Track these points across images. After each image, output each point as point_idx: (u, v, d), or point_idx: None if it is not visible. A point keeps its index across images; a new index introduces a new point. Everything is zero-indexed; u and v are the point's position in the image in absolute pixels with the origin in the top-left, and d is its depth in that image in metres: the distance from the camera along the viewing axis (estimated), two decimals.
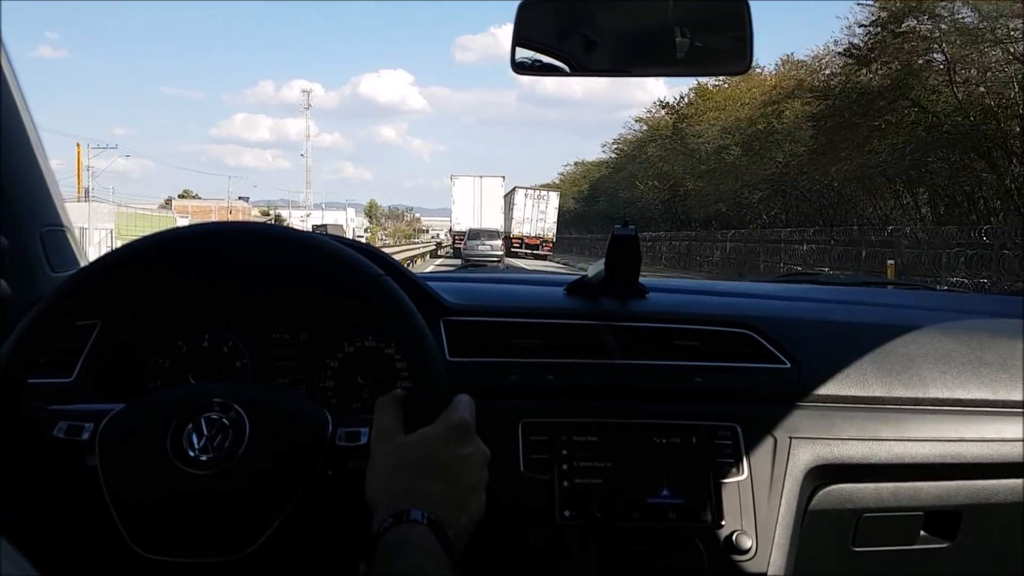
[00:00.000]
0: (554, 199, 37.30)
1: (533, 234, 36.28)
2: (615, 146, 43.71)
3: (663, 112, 33.23)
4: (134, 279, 0.94)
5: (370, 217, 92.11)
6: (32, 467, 0.79)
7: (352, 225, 75.88)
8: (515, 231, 36.18)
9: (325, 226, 40.59)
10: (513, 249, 34.51)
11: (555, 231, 36.81)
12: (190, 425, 0.79)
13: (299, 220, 65.58)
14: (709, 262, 28.64)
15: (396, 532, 0.68)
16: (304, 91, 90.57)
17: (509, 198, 37.75)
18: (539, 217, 36.28)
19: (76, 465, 0.78)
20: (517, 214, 36.35)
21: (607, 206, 44.79)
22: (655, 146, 33.94)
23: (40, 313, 0.81)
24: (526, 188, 37.28)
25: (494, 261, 26.85)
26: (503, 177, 40.84)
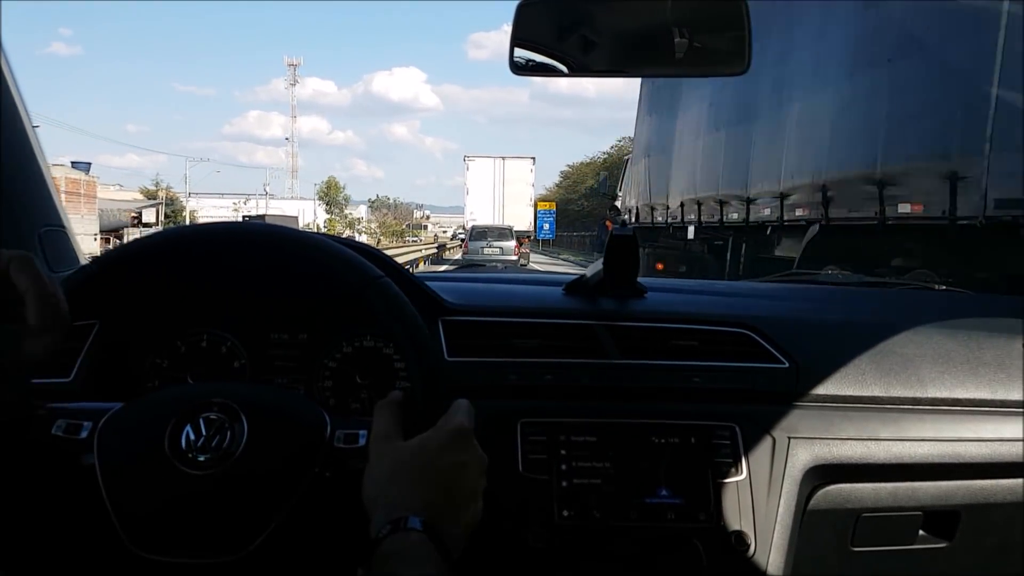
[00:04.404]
0: None
1: None
2: None
3: None
4: (132, 279, 0.94)
5: (328, 204, 67.43)
6: (30, 465, 0.79)
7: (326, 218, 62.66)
8: None
9: (262, 216, 31.41)
10: None
11: None
12: (188, 425, 0.79)
13: (229, 210, 48.30)
14: None
15: (394, 540, 0.67)
16: (290, 64, 78.05)
17: None
18: None
19: (74, 463, 0.78)
20: None
21: None
22: None
23: None
24: None
25: (505, 263, 19.05)
26: (533, 159, 28.10)
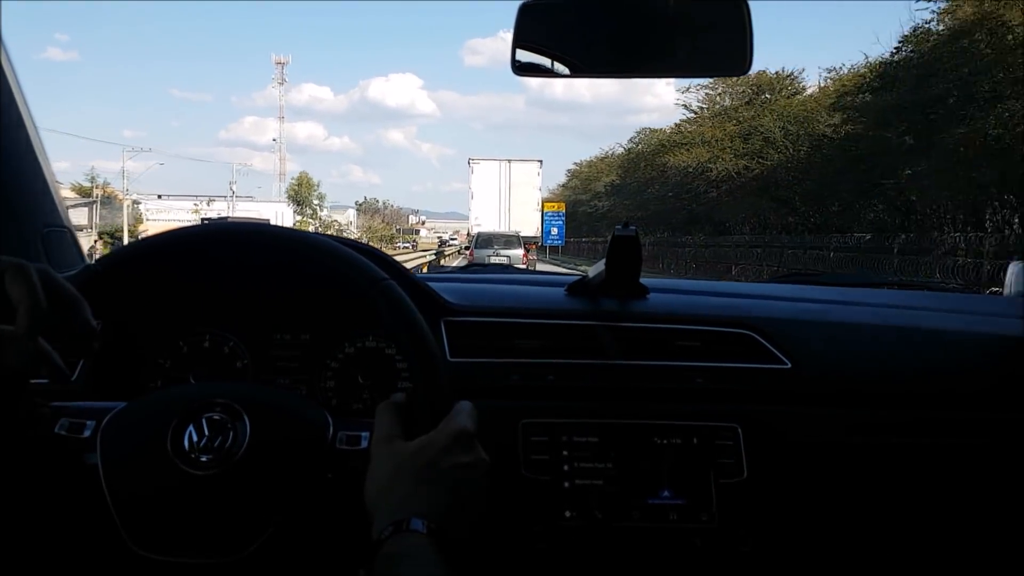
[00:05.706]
0: None
1: None
2: None
3: None
4: (135, 279, 0.95)
5: (298, 203, 60.53)
6: (33, 463, 0.79)
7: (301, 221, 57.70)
8: None
9: (225, 219, 27.94)
10: None
11: None
12: (191, 425, 0.79)
13: (188, 211, 46.47)
14: None
15: (396, 542, 0.68)
16: (279, 63, 77.65)
17: None
18: None
19: (76, 462, 0.78)
20: None
21: None
22: None
23: None
24: None
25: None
26: (540, 161, 27.31)
